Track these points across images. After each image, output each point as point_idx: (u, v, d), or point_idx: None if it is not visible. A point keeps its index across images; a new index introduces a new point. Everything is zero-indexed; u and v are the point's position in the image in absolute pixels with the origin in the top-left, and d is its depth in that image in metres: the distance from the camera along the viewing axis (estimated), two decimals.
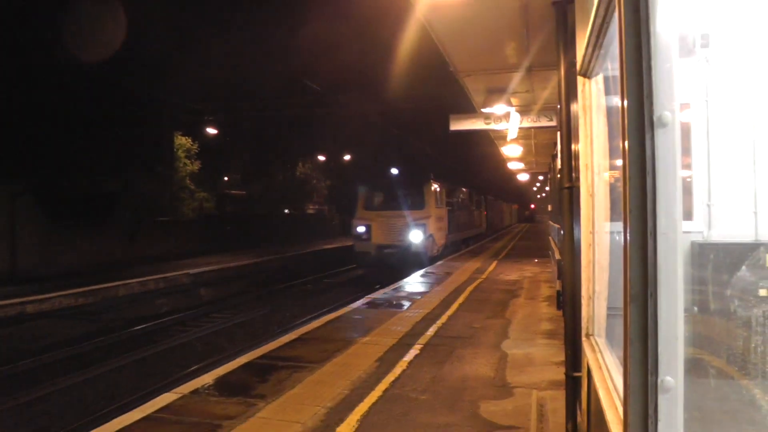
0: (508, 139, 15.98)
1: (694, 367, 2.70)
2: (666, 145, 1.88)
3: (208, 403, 6.95)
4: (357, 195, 29.29)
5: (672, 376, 1.86)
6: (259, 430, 6.05)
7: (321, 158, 57.06)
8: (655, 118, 1.88)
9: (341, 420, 6.29)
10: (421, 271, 21.95)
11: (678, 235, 1.86)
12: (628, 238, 1.93)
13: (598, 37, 3.39)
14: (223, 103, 36.48)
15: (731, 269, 3.54)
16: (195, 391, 7.33)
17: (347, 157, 55.99)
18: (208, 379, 7.88)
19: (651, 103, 1.89)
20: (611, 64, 3.71)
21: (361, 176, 31.77)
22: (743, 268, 3.47)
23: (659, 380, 1.87)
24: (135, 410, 6.68)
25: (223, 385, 7.64)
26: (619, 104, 2.07)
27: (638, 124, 1.92)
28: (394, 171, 30.05)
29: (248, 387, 7.54)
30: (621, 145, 2.03)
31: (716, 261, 3.60)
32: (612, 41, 3.21)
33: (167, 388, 7.84)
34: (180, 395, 7.16)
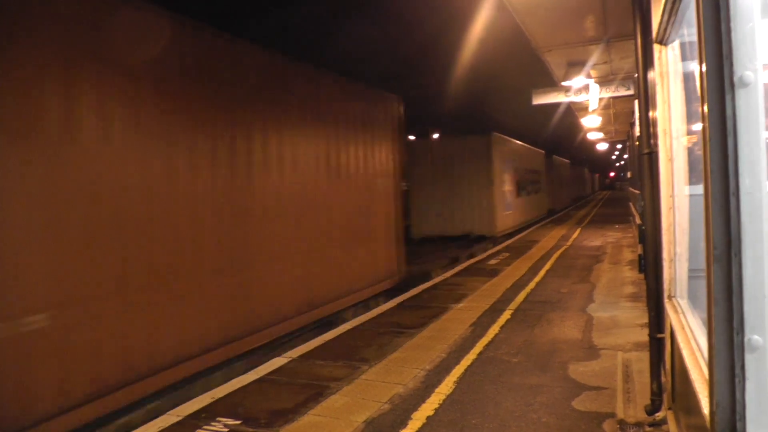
0: (590, 110, 15.50)
1: None
2: (748, 105, 1.76)
3: (315, 366, 7.08)
4: None
5: (760, 335, 1.75)
6: (364, 391, 6.12)
7: None
8: (735, 79, 1.77)
9: (439, 381, 6.29)
10: (511, 240, 21.67)
11: (763, 195, 1.74)
12: (709, 199, 1.82)
13: (674, 3, 3.22)
14: None
15: None
16: (303, 356, 7.48)
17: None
18: (314, 344, 8.03)
19: (731, 64, 1.78)
20: (687, 30, 3.52)
21: None
22: None
23: (746, 339, 1.76)
24: (250, 372, 6.88)
25: (329, 350, 7.77)
26: (697, 68, 1.96)
27: (717, 86, 1.80)
28: None
29: (352, 351, 7.65)
30: (700, 107, 1.91)
31: None
32: (688, 7, 3.04)
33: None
34: (289, 359, 7.33)
